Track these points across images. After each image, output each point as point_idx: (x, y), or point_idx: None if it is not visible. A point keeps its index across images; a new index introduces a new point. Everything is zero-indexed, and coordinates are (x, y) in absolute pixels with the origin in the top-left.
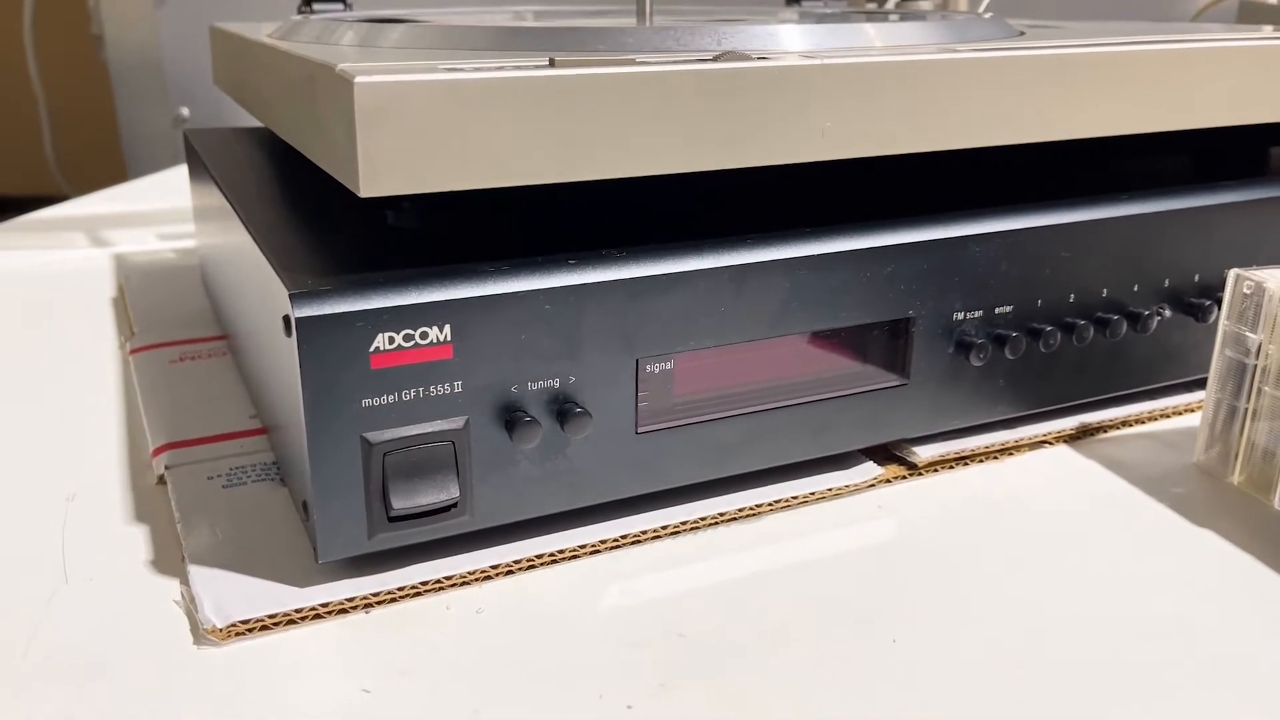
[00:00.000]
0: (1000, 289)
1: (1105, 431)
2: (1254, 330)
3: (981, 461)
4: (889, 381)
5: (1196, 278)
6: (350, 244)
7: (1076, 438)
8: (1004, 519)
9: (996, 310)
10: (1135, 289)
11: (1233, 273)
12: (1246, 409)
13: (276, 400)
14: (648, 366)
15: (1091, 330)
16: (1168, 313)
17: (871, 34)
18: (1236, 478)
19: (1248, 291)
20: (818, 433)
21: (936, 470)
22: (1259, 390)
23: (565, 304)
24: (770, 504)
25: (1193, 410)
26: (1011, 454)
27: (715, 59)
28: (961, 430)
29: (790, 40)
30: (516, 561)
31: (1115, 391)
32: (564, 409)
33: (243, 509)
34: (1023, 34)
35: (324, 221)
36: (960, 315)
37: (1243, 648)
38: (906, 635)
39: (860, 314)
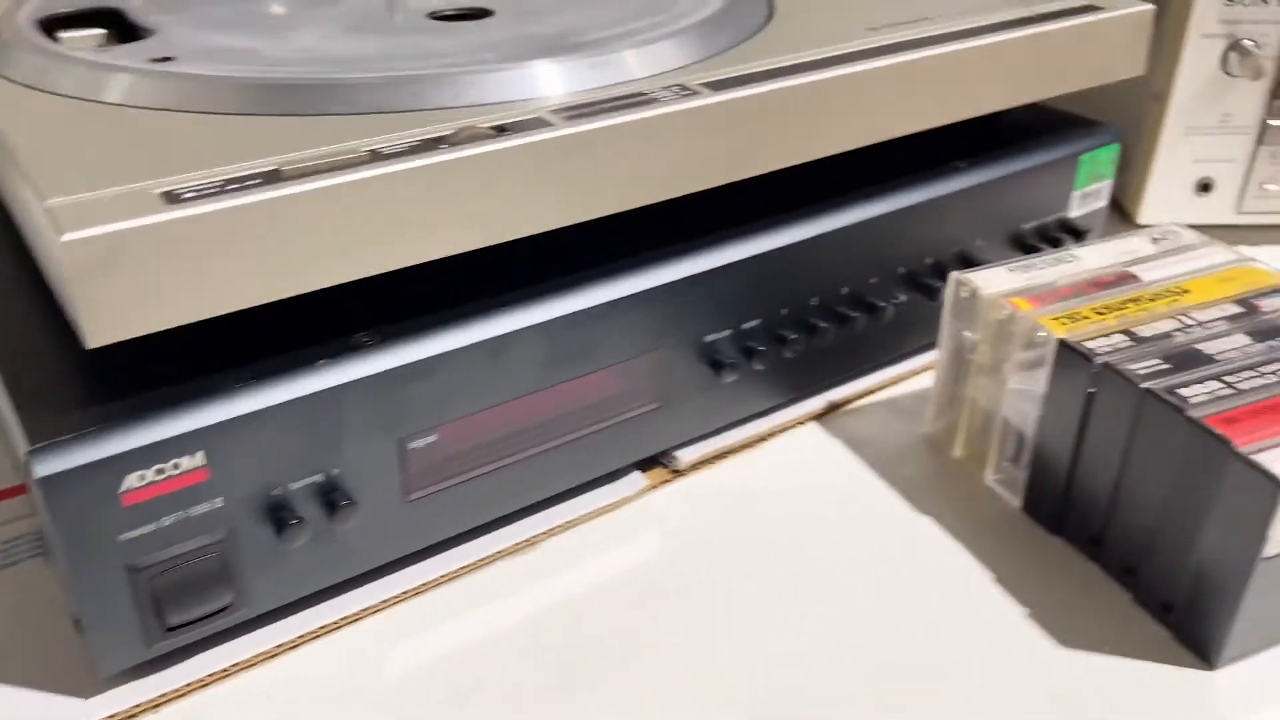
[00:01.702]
0: (745, 307)
1: (850, 404)
2: (972, 330)
3: (739, 453)
4: (648, 406)
5: (929, 260)
6: (88, 358)
7: (824, 414)
8: (754, 513)
9: (743, 326)
10: (873, 281)
11: (953, 276)
12: (966, 395)
13: None
14: (411, 443)
15: (834, 331)
16: (903, 298)
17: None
18: (958, 450)
19: (965, 295)
20: (585, 462)
21: (699, 469)
22: (976, 381)
23: (319, 409)
24: (547, 531)
25: (929, 370)
26: (766, 441)
27: (452, 141)
28: (722, 427)
29: (544, 85)
30: (300, 636)
31: (859, 370)
32: (330, 499)
33: (15, 599)
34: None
35: (60, 326)
36: (709, 338)
37: (955, 651)
38: (669, 656)
39: (615, 355)
